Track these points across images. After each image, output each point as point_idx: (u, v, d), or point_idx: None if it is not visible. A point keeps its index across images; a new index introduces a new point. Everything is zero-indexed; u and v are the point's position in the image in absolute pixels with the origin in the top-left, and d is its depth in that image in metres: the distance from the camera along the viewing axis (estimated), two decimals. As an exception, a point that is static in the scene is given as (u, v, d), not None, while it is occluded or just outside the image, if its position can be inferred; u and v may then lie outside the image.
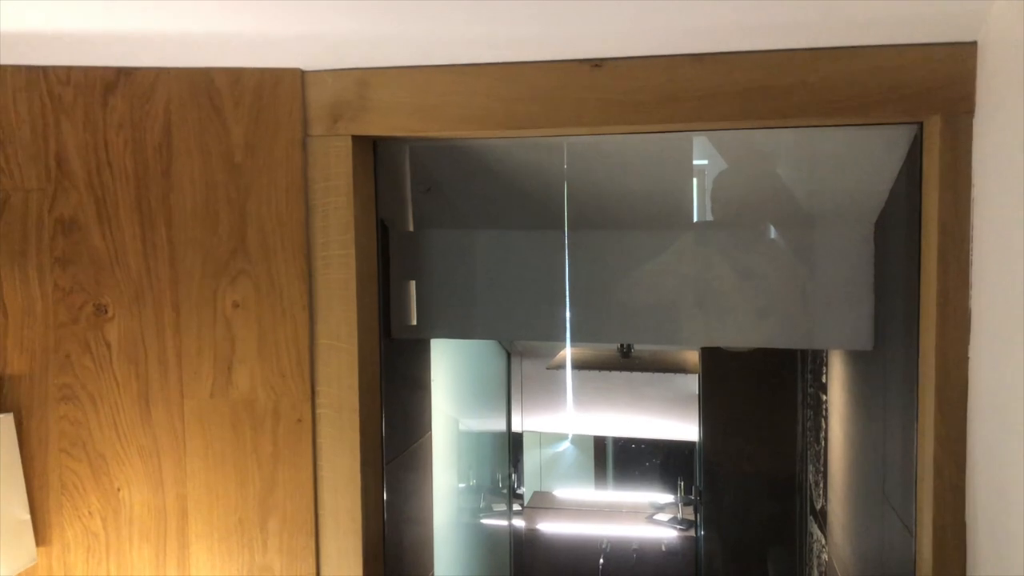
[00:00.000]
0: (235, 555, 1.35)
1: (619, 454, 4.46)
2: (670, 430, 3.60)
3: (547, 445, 4.52)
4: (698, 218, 1.62)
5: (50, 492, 1.37)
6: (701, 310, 1.62)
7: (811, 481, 2.41)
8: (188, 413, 1.35)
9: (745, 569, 2.64)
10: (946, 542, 1.19)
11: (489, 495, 3.24)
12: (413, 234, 1.66)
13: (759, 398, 2.68)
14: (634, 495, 4.13)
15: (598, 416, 3.81)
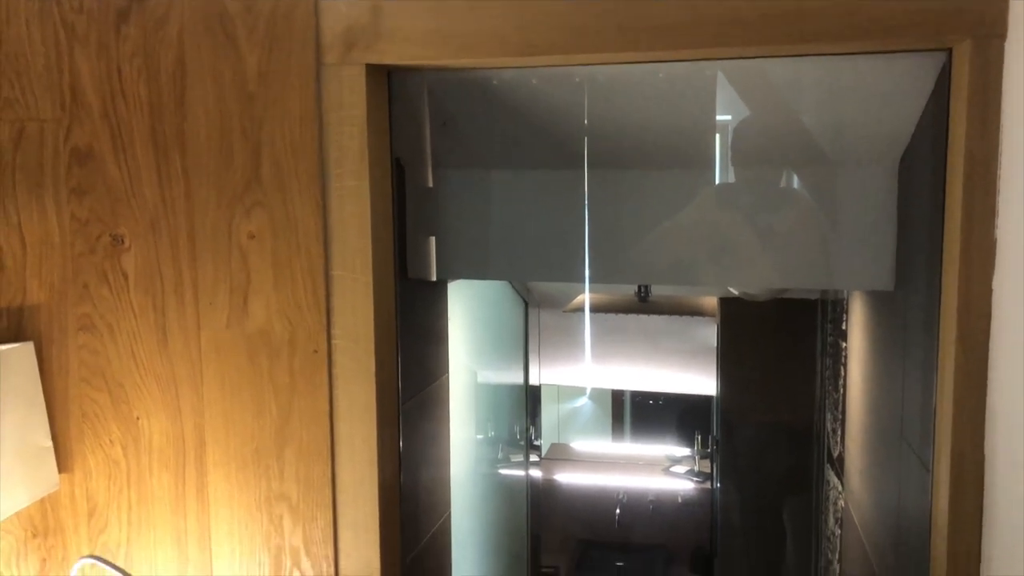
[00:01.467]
0: (252, 483, 1.37)
1: (636, 408, 4.47)
2: (688, 384, 3.60)
3: (565, 400, 4.54)
4: (720, 159, 1.59)
5: (71, 420, 1.39)
6: (721, 251, 1.60)
7: (828, 429, 2.40)
8: (205, 343, 1.36)
9: (761, 519, 2.64)
10: (964, 475, 1.18)
11: (507, 446, 3.26)
12: (430, 174, 1.65)
13: (778, 349, 2.66)
14: (651, 448, 4.16)
15: (616, 369, 3.81)
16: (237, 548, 1.39)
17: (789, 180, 1.59)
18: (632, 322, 3.09)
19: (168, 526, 1.40)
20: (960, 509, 1.19)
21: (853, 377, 2.02)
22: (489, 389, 2.88)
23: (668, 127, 1.57)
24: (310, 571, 1.38)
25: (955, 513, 1.19)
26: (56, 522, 1.42)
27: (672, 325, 3.13)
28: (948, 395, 1.17)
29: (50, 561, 1.43)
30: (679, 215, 1.60)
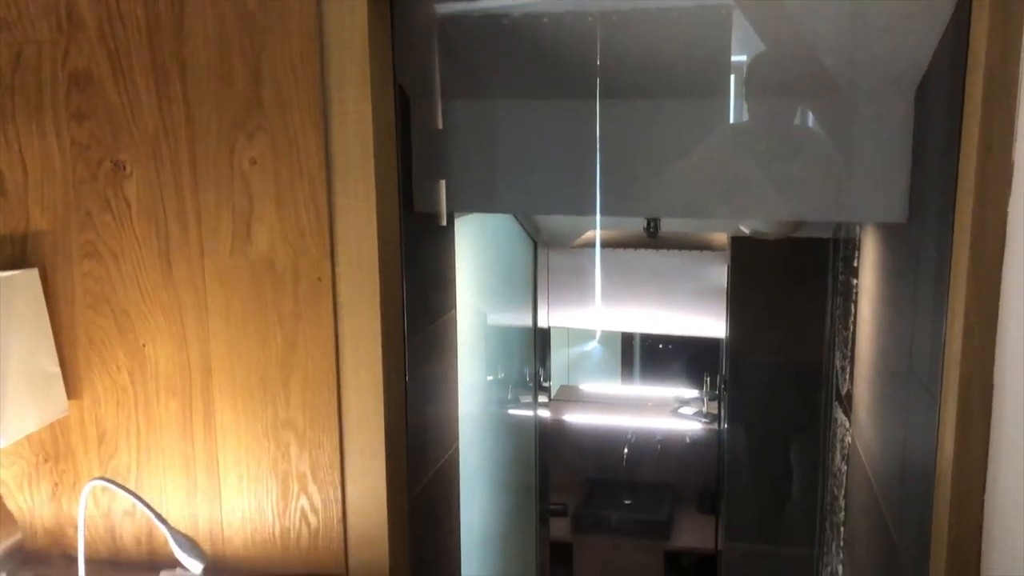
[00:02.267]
0: (259, 411, 1.38)
1: (646, 352, 4.48)
2: (697, 326, 3.59)
3: (575, 343, 4.55)
4: (734, 90, 1.55)
5: (78, 347, 1.40)
6: (734, 183, 1.57)
7: (837, 368, 2.39)
8: (208, 271, 1.35)
9: (768, 457, 2.66)
10: (971, 403, 1.17)
11: (517, 388, 3.28)
12: (436, 103, 1.62)
13: (788, 288, 2.64)
14: (660, 390, 4.17)
15: (625, 311, 3.80)
16: (245, 473, 1.40)
17: (804, 111, 1.55)
18: (641, 261, 3.06)
19: (176, 452, 1.41)
20: (967, 437, 1.18)
21: (863, 314, 2.01)
22: (498, 331, 2.88)
23: (683, 58, 1.53)
24: (317, 496, 1.40)
25: (961, 441, 1.19)
26: (67, 447, 1.44)
27: (682, 264, 3.10)
28: (958, 321, 1.16)
29: (62, 485, 1.46)
30: (692, 146, 1.57)
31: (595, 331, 4.46)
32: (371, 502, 1.40)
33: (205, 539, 1.44)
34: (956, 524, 1.21)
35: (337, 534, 1.41)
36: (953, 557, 1.22)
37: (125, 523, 1.46)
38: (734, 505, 2.68)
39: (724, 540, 2.68)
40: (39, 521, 1.48)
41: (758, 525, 2.66)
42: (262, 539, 1.43)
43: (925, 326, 1.38)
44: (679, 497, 3.95)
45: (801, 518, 2.62)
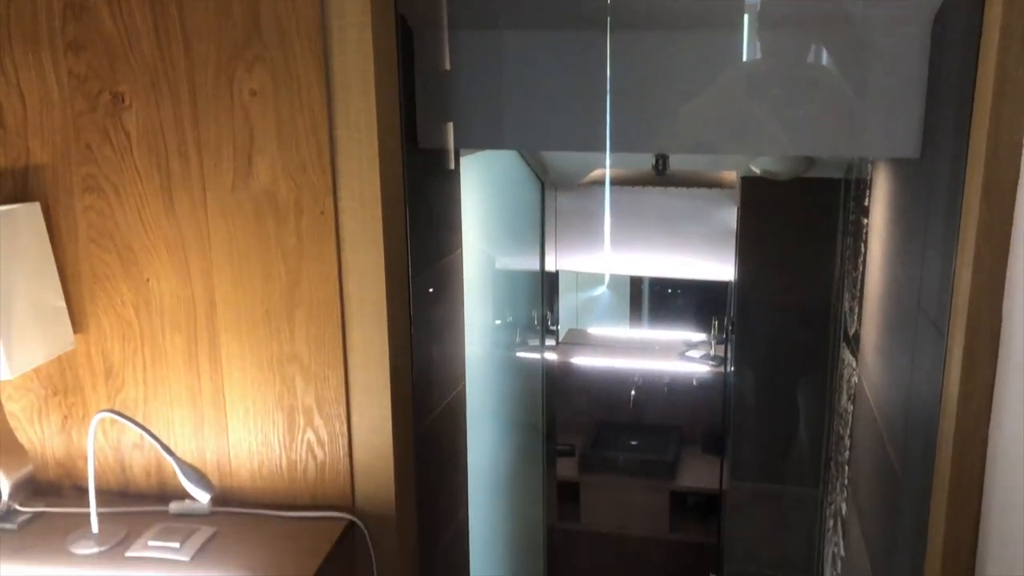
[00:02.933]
0: (263, 345, 1.38)
1: (654, 296, 4.47)
2: (706, 270, 3.57)
3: (583, 288, 4.55)
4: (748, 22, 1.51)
5: (83, 281, 1.40)
6: (747, 117, 1.54)
7: (846, 308, 2.38)
8: (211, 205, 1.34)
9: (775, 398, 2.67)
10: (979, 338, 1.16)
11: (525, 331, 3.28)
12: (440, 35, 1.58)
13: (798, 229, 2.62)
14: (668, 334, 4.17)
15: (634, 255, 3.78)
16: (251, 407, 1.42)
17: (818, 45, 1.51)
18: (650, 203, 3.04)
19: (183, 386, 1.42)
20: (973, 371, 1.18)
21: (873, 253, 1.99)
22: (506, 275, 2.88)
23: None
24: (323, 430, 1.41)
25: (967, 375, 1.18)
26: (75, 381, 1.45)
27: (691, 205, 3.08)
28: (968, 254, 1.14)
29: (71, 418, 1.47)
30: (704, 80, 1.53)
31: (604, 275, 4.45)
32: (377, 437, 1.41)
33: (213, 472, 1.46)
34: (959, 459, 1.21)
35: (343, 467, 1.43)
36: (955, 492, 1.22)
37: (134, 455, 1.48)
38: (740, 445, 2.70)
39: (729, 480, 2.71)
40: (50, 453, 1.50)
41: (763, 465, 2.68)
42: (269, 472, 1.45)
43: (935, 262, 1.36)
44: (685, 438, 3.98)
45: (806, 458, 2.64)
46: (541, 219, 3.17)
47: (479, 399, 2.38)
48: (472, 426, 2.06)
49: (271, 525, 1.41)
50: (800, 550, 2.64)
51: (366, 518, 1.43)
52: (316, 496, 1.45)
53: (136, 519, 1.42)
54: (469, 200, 2.07)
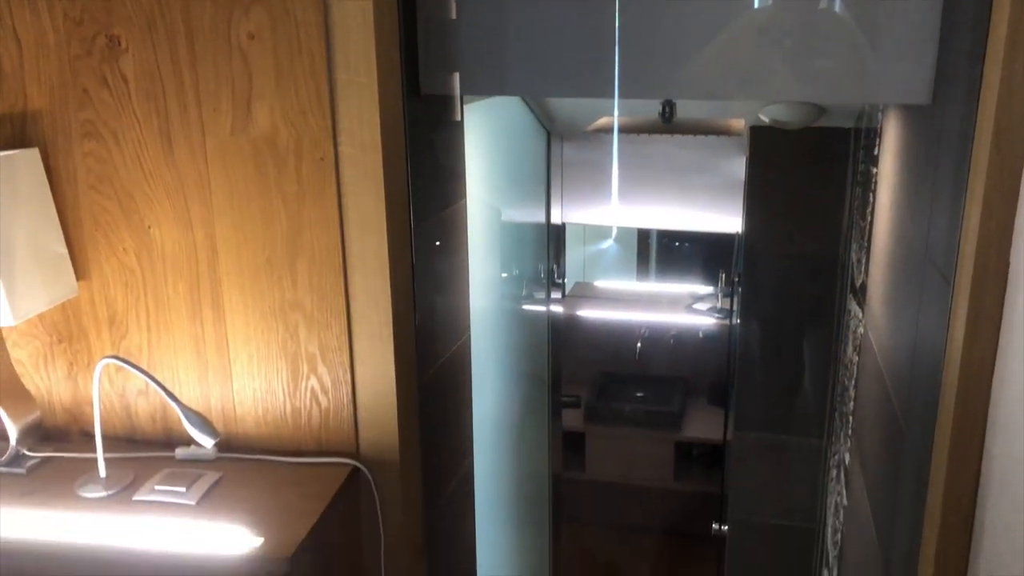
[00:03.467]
0: (266, 292, 1.38)
1: (662, 249, 4.45)
2: (714, 222, 3.55)
3: (591, 241, 4.53)
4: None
5: (84, 228, 1.40)
6: (756, 63, 1.51)
7: (853, 259, 2.36)
8: (210, 151, 1.33)
9: (780, 350, 2.66)
10: (985, 286, 1.15)
11: (531, 284, 3.28)
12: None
13: (807, 180, 2.58)
14: (674, 287, 4.17)
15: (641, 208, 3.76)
16: (255, 354, 1.42)
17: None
18: (658, 154, 3.00)
19: (186, 333, 1.43)
20: (978, 319, 1.17)
21: (882, 202, 1.96)
22: (513, 227, 2.86)
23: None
24: (327, 377, 1.42)
25: (972, 323, 1.17)
26: (79, 328, 1.46)
27: (699, 156, 3.04)
28: (977, 200, 1.12)
29: (76, 365, 1.48)
30: (714, 24, 1.50)
31: (611, 228, 4.43)
32: (380, 384, 1.42)
33: (218, 418, 1.47)
34: (962, 408, 1.21)
35: (347, 415, 1.44)
36: (956, 440, 1.22)
37: (139, 402, 1.49)
38: (744, 396, 2.71)
39: (734, 430, 2.72)
40: (57, 400, 1.51)
41: (768, 416, 2.69)
42: (273, 419, 1.46)
43: (943, 209, 1.34)
44: (691, 390, 4.00)
45: (811, 409, 2.65)
46: (547, 170, 3.14)
47: (485, 351, 2.39)
48: (478, 377, 2.07)
49: (276, 470, 1.43)
50: (803, 499, 2.67)
51: (370, 464, 1.44)
52: (320, 442, 1.46)
53: (142, 464, 1.43)
54: (473, 150, 2.04)
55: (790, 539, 2.72)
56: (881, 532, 1.70)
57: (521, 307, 3.09)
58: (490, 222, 2.50)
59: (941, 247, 1.34)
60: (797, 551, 2.71)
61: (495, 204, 2.53)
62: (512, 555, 2.71)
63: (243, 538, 1.25)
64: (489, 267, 2.51)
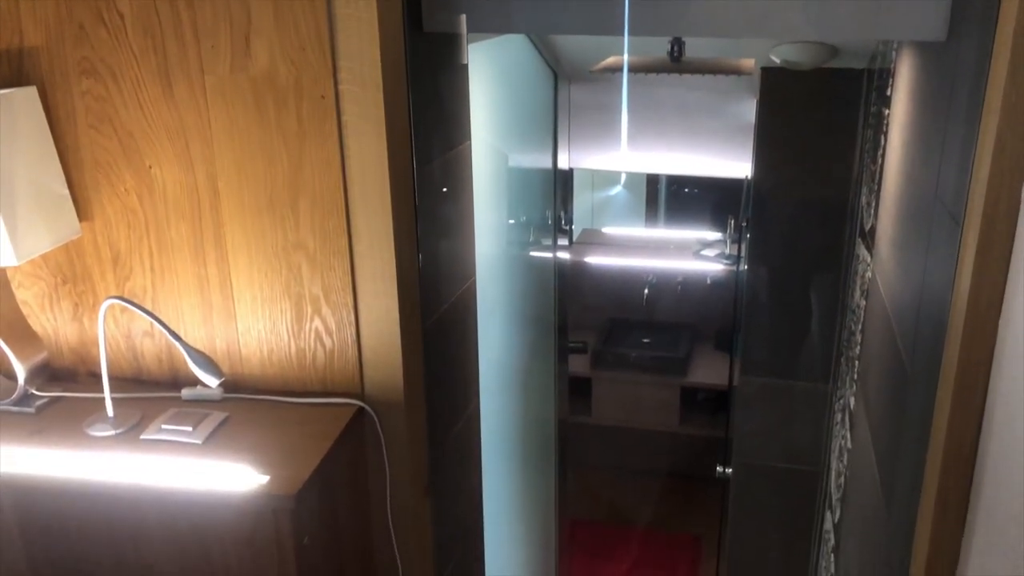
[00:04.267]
0: (268, 233, 1.38)
1: (671, 195, 4.42)
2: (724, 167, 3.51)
3: (599, 187, 4.49)
4: None
5: (85, 169, 1.39)
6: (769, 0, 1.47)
7: (863, 203, 2.33)
8: (210, 89, 1.31)
9: (788, 295, 2.65)
10: (995, 225, 1.13)
11: (539, 231, 3.26)
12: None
13: (818, 122, 2.54)
14: (683, 233, 4.14)
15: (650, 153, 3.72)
16: (259, 295, 1.42)
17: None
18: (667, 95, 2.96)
19: (190, 274, 1.43)
20: (987, 260, 1.15)
21: (893, 144, 1.93)
22: (520, 173, 2.83)
23: None
24: (331, 318, 1.42)
25: (981, 264, 1.15)
26: (83, 269, 1.46)
27: (709, 99, 2.99)
28: (990, 138, 1.10)
29: (82, 306, 1.49)
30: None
31: (619, 174, 4.39)
32: (384, 325, 1.42)
33: (223, 359, 1.48)
34: (967, 350, 1.20)
35: (352, 356, 1.44)
36: (960, 383, 1.22)
37: (145, 343, 1.50)
38: (751, 341, 2.71)
39: (739, 375, 2.73)
40: (64, 341, 1.52)
41: (774, 361, 2.69)
42: (279, 359, 1.46)
43: (955, 148, 1.31)
44: (697, 336, 4.01)
45: (817, 354, 2.65)
46: (554, 113, 3.10)
47: (491, 297, 2.39)
48: (484, 323, 2.07)
49: (282, 410, 1.44)
50: (808, 443, 2.68)
51: (375, 404, 1.45)
52: (326, 383, 1.47)
53: (149, 404, 1.45)
54: (478, 92, 2.01)
55: (794, 481, 2.75)
56: (884, 474, 1.71)
57: (528, 254, 3.08)
58: (496, 167, 2.47)
59: (951, 186, 1.32)
60: (800, 493, 2.74)
61: (501, 148, 2.50)
62: (518, 496, 2.75)
63: (249, 476, 1.26)
64: (495, 213, 2.49)
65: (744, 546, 2.86)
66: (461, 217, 1.84)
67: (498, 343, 2.54)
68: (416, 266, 1.48)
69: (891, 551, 1.52)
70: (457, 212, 1.81)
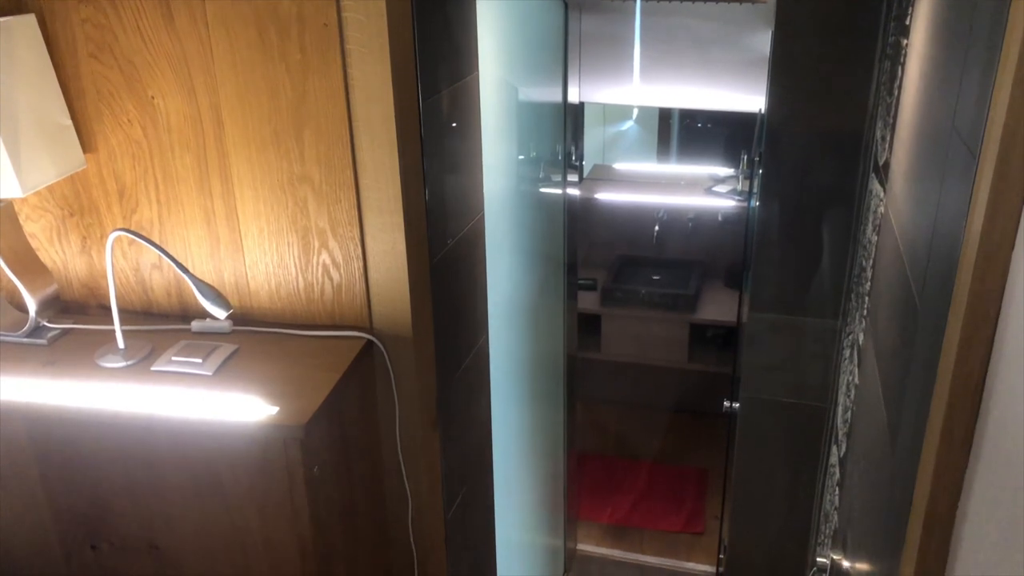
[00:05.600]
0: (274, 165, 1.37)
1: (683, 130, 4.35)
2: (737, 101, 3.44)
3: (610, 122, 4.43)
4: None
5: (87, 99, 1.37)
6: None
7: (878, 137, 2.29)
8: (211, 17, 1.29)
9: (799, 231, 2.62)
10: (1011, 156, 1.10)
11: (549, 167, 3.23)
12: None
13: (834, 54, 2.47)
14: (695, 169, 4.09)
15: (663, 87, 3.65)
16: (265, 228, 1.42)
17: None
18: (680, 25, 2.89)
19: (196, 206, 1.42)
20: (1002, 193, 1.13)
21: (911, 75, 1.88)
22: (529, 107, 2.79)
23: None
24: (338, 252, 1.41)
25: (995, 195, 1.13)
26: (90, 202, 1.46)
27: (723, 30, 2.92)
28: (1010, 66, 1.06)
29: (90, 239, 1.49)
30: None
31: (631, 109, 4.32)
32: (391, 259, 1.41)
33: (232, 293, 1.48)
34: (980, 280, 1.19)
35: (359, 289, 1.44)
36: (969, 317, 1.21)
37: (154, 276, 1.50)
38: (761, 278, 2.69)
39: (748, 311, 2.72)
40: (73, 274, 1.53)
41: (784, 297, 2.68)
42: (287, 293, 1.47)
43: (974, 76, 1.28)
44: (707, 273, 3.99)
45: (827, 290, 2.64)
46: (564, 45, 3.04)
47: (500, 233, 2.38)
48: (493, 259, 2.06)
49: (291, 343, 1.45)
50: (815, 379, 2.69)
51: (384, 338, 1.46)
52: (334, 317, 1.48)
53: (160, 337, 1.46)
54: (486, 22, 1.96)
55: (801, 417, 2.77)
56: (890, 409, 1.72)
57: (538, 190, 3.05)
58: (505, 100, 2.43)
59: (968, 116, 1.29)
60: (807, 428, 2.76)
61: (510, 81, 2.46)
62: (527, 430, 2.78)
63: (259, 407, 1.28)
64: (504, 148, 2.46)
65: (750, 479, 2.90)
66: (469, 151, 1.82)
67: (507, 280, 2.54)
68: (423, 199, 1.47)
69: (894, 483, 1.53)
70: (464, 146, 1.79)
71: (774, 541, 2.94)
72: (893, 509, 1.48)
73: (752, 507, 2.92)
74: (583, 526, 3.47)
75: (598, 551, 3.38)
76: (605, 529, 3.50)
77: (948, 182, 1.41)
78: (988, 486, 1.09)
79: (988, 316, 1.20)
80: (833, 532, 2.35)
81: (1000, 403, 1.14)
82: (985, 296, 1.19)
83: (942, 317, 1.30)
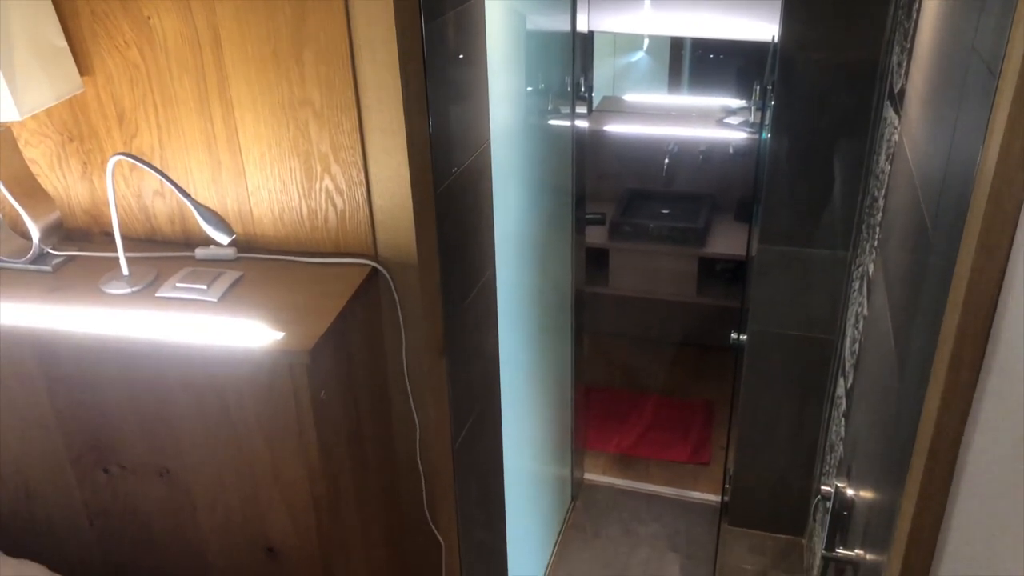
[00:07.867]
0: (274, 87, 1.34)
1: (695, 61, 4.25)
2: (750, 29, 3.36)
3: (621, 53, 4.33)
4: None
5: (82, 19, 1.34)
6: None
7: (894, 64, 2.23)
8: (206, -69, 1.24)
9: (811, 162, 2.58)
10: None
11: (557, 98, 3.16)
12: None
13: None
14: (706, 101, 4.01)
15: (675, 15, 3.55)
16: (267, 152, 1.40)
17: None
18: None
19: (196, 130, 1.40)
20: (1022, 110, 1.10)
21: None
22: (538, 36, 2.71)
23: None
24: (341, 177, 1.40)
25: (1016, 118, 1.10)
26: (89, 127, 1.44)
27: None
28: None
29: (90, 164, 1.47)
30: None
31: (642, 39, 4.22)
32: (395, 186, 1.40)
33: (235, 219, 1.47)
34: (995, 203, 1.16)
35: (363, 216, 1.43)
36: (985, 239, 1.19)
37: (156, 203, 1.49)
38: (771, 210, 2.66)
39: (758, 244, 2.70)
40: (75, 201, 1.52)
41: (794, 229, 2.66)
42: (290, 220, 1.45)
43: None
44: (717, 207, 3.95)
45: (838, 222, 2.61)
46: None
47: (508, 165, 2.34)
48: (500, 192, 2.03)
49: (295, 270, 1.44)
50: (824, 311, 2.68)
51: (389, 266, 1.45)
52: (338, 244, 1.47)
53: (164, 263, 1.46)
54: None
55: (808, 349, 2.77)
56: (899, 339, 1.71)
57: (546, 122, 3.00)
58: (512, 28, 2.37)
59: (989, 35, 1.24)
60: (815, 360, 2.76)
61: (517, 8, 2.39)
62: (535, 362, 2.80)
63: (265, 332, 1.28)
64: (511, 77, 2.41)
65: (756, 410, 2.92)
66: (474, 78, 1.78)
67: (515, 212, 2.51)
68: (427, 125, 1.44)
69: (901, 412, 1.53)
70: (470, 73, 1.75)
71: (778, 471, 2.97)
72: (899, 437, 1.48)
73: (757, 438, 2.94)
74: (590, 456, 3.51)
75: (605, 480, 3.43)
76: (612, 459, 3.55)
77: (966, 104, 1.37)
78: (997, 411, 1.09)
79: (1002, 241, 1.17)
80: (838, 462, 2.37)
81: (1010, 329, 1.12)
82: (1000, 219, 1.16)
83: (954, 245, 1.28)
